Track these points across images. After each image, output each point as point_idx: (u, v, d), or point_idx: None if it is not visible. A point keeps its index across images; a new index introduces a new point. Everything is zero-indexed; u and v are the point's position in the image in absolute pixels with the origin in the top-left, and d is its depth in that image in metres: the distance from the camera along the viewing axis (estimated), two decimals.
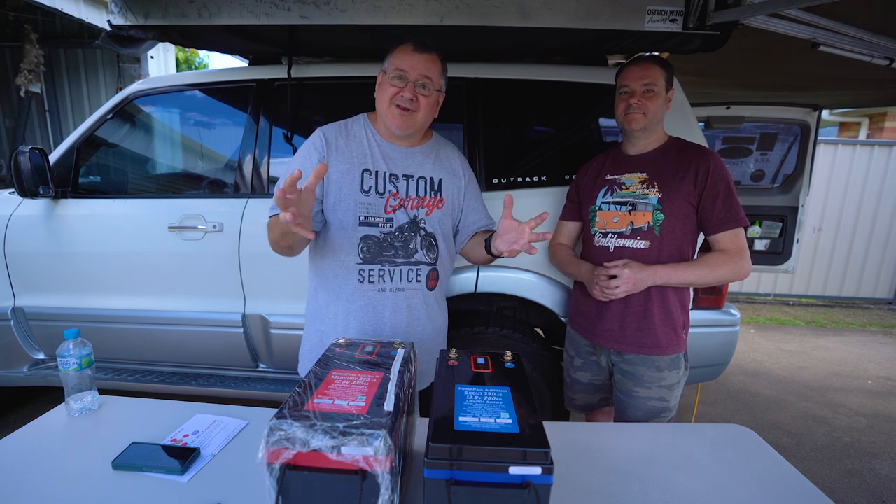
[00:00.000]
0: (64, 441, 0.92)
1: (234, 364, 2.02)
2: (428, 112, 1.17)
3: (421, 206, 1.22)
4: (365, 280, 1.19)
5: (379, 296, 1.20)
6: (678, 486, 0.84)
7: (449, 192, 1.27)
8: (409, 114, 1.14)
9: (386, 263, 1.19)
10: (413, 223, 1.21)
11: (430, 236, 1.24)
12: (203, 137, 2.14)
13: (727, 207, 1.29)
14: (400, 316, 1.22)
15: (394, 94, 1.12)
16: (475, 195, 1.36)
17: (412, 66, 1.12)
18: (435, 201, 1.24)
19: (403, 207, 1.20)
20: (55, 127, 5.66)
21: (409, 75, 1.12)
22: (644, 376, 1.38)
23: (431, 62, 1.14)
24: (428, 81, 1.13)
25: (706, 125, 2.79)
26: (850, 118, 7.25)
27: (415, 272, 1.22)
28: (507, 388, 0.76)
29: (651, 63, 1.34)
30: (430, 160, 1.26)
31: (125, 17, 1.67)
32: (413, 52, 1.13)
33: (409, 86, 1.12)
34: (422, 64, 1.12)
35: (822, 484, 2.11)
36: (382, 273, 1.19)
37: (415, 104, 1.13)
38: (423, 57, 1.13)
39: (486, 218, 1.38)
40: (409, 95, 1.12)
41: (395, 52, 1.15)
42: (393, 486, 0.61)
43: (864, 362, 3.72)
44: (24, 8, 4.74)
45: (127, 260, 1.90)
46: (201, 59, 11.91)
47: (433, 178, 1.25)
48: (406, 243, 1.20)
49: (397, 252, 1.20)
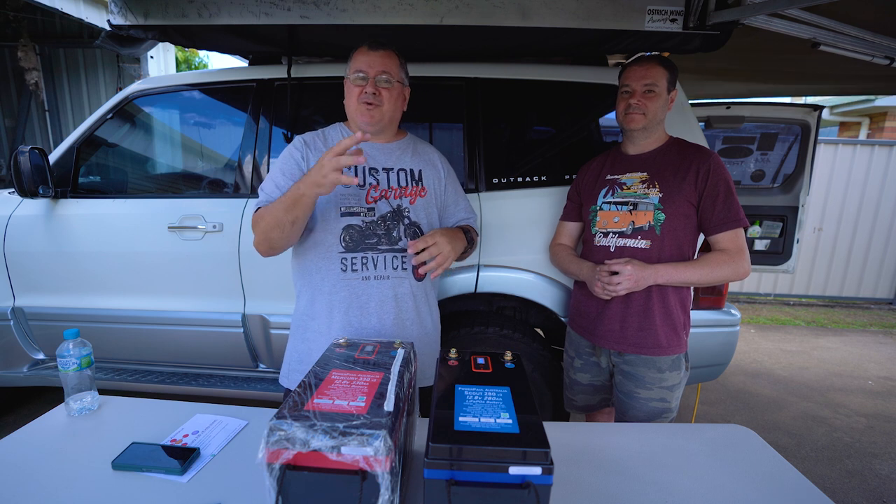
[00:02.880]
0: (64, 441, 0.92)
1: (234, 364, 2.02)
2: (393, 104, 1.21)
3: (404, 196, 1.24)
4: (348, 268, 1.19)
5: (363, 285, 1.19)
6: (678, 486, 0.84)
7: (430, 182, 1.30)
8: (375, 108, 1.18)
9: (369, 251, 1.19)
10: (396, 212, 1.23)
11: (414, 225, 1.24)
12: (203, 137, 2.14)
13: (727, 208, 1.29)
14: (387, 307, 1.21)
15: (358, 93, 1.18)
16: (455, 188, 1.38)
17: (370, 65, 1.17)
18: (417, 190, 1.27)
19: (385, 198, 1.22)
20: (55, 127, 5.66)
21: (368, 73, 1.17)
22: (645, 377, 1.38)
23: (387, 57, 1.19)
24: (388, 76, 1.18)
25: (706, 125, 2.79)
26: (850, 118, 7.25)
27: (399, 259, 1.22)
28: (507, 388, 0.76)
29: (653, 63, 1.34)
30: (407, 154, 1.29)
31: (125, 17, 1.67)
32: (369, 51, 1.19)
33: (371, 81, 1.17)
34: (378, 60, 1.18)
35: (823, 484, 2.11)
36: (366, 260, 1.19)
37: (378, 98, 1.18)
38: (378, 54, 1.19)
39: (466, 211, 1.40)
40: (371, 90, 1.17)
41: (353, 56, 1.21)
42: (393, 486, 0.61)
43: (865, 362, 3.72)
44: (24, 8, 4.74)
45: (127, 260, 1.90)
46: (201, 59, 11.92)
47: (413, 169, 1.28)
48: (389, 231, 1.21)
49: (380, 239, 1.20)
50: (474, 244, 1.36)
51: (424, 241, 1.14)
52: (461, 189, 1.41)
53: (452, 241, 1.18)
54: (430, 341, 1.32)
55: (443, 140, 1.94)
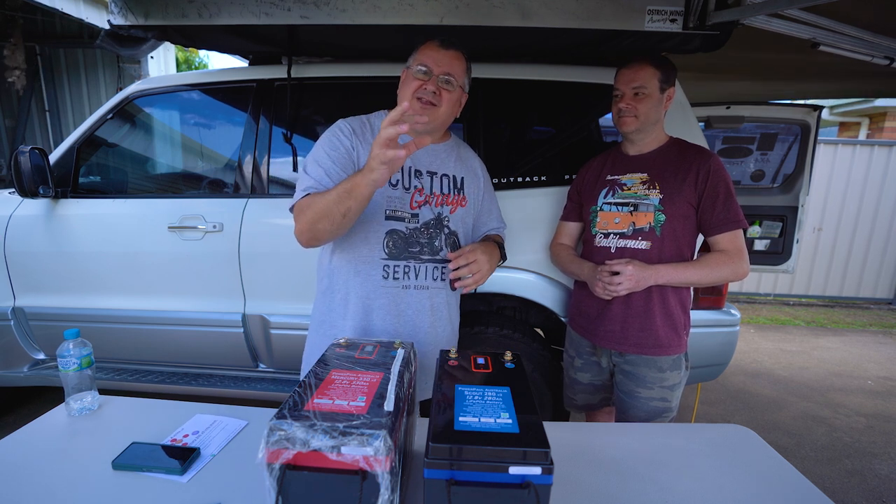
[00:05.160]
0: (64, 441, 0.92)
1: (234, 364, 2.02)
2: (449, 108, 1.17)
3: (445, 204, 1.22)
4: (389, 276, 1.17)
5: (402, 293, 1.18)
6: (678, 486, 0.84)
7: (470, 192, 1.28)
8: (432, 107, 1.13)
9: (411, 260, 1.17)
10: (437, 220, 1.20)
11: (453, 234, 1.23)
12: (203, 137, 2.14)
13: (727, 209, 1.29)
14: (423, 315, 1.20)
15: (417, 87, 1.12)
16: (491, 198, 1.37)
17: (436, 62, 1.12)
18: (458, 199, 1.24)
19: (428, 204, 1.19)
20: (55, 127, 5.66)
21: (433, 70, 1.12)
22: (646, 377, 1.38)
23: (456, 59, 1.15)
24: (451, 77, 1.13)
25: (706, 125, 2.78)
26: (850, 118, 7.25)
27: (440, 270, 1.20)
28: (507, 388, 0.76)
29: (642, 64, 1.34)
30: (451, 158, 1.26)
31: (125, 17, 1.67)
32: (438, 48, 1.14)
33: (433, 79, 1.12)
34: (446, 60, 1.13)
35: (823, 484, 2.11)
36: (408, 270, 1.17)
37: (437, 98, 1.13)
38: (447, 53, 1.14)
39: (498, 220, 1.39)
40: (432, 88, 1.12)
41: (421, 48, 1.15)
42: (393, 486, 0.61)
43: (865, 362, 3.72)
44: (23, 8, 4.73)
45: (127, 260, 1.90)
46: (201, 59, 11.92)
47: (455, 176, 1.25)
48: (431, 240, 1.19)
49: (423, 248, 1.18)
50: (506, 258, 1.35)
51: (465, 257, 1.14)
52: (496, 198, 1.40)
53: (491, 260, 1.19)
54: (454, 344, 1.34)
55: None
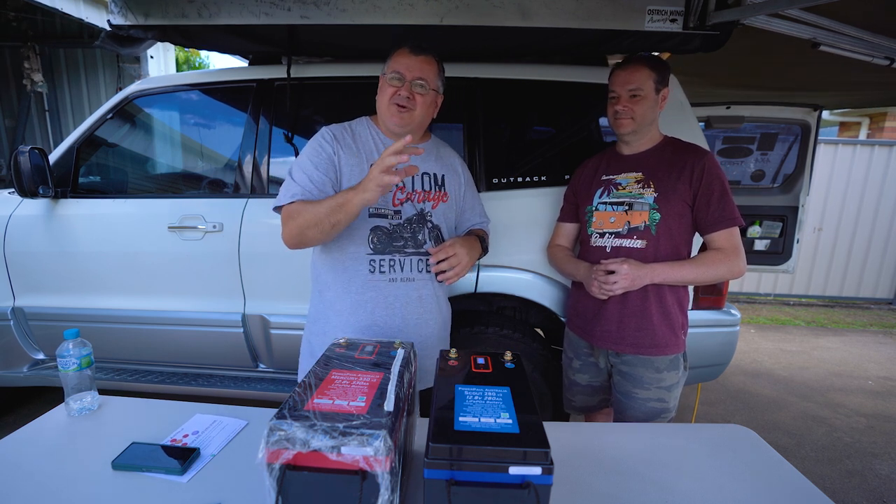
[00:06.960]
0: (64, 441, 0.92)
1: (234, 364, 2.02)
2: (425, 110, 1.22)
3: (427, 200, 1.27)
4: (376, 270, 1.22)
5: (390, 286, 1.22)
6: (678, 486, 0.84)
7: (451, 188, 1.33)
8: (407, 111, 1.19)
9: (396, 253, 1.23)
10: (420, 215, 1.26)
11: (436, 228, 1.28)
12: (203, 137, 2.14)
13: (722, 207, 1.29)
14: (411, 307, 1.24)
15: (392, 93, 1.19)
16: (473, 194, 1.43)
17: (408, 68, 1.18)
18: (440, 195, 1.29)
19: (410, 200, 1.25)
20: (55, 127, 5.66)
21: (405, 76, 1.18)
22: (643, 377, 1.38)
23: (427, 64, 1.20)
24: (424, 82, 1.19)
25: (706, 125, 2.78)
26: (850, 118, 7.24)
27: (424, 262, 1.25)
28: (507, 388, 0.76)
29: (638, 66, 1.34)
30: (431, 157, 1.31)
31: (125, 17, 1.67)
32: (409, 54, 1.20)
33: (406, 85, 1.18)
34: (417, 65, 1.18)
35: (823, 484, 2.11)
36: (393, 263, 1.22)
37: (412, 102, 1.19)
38: (418, 59, 1.19)
39: (481, 216, 1.45)
40: (405, 94, 1.18)
41: (394, 55, 1.21)
42: (393, 486, 0.61)
43: (865, 362, 3.72)
44: (24, 8, 4.73)
45: (127, 260, 1.90)
46: (201, 59, 11.91)
47: (436, 173, 1.30)
48: (415, 234, 1.25)
49: (406, 242, 1.24)
50: (487, 251, 1.41)
51: (445, 251, 1.20)
52: (478, 194, 1.46)
53: (471, 252, 1.25)
54: (446, 337, 1.38)
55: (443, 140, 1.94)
